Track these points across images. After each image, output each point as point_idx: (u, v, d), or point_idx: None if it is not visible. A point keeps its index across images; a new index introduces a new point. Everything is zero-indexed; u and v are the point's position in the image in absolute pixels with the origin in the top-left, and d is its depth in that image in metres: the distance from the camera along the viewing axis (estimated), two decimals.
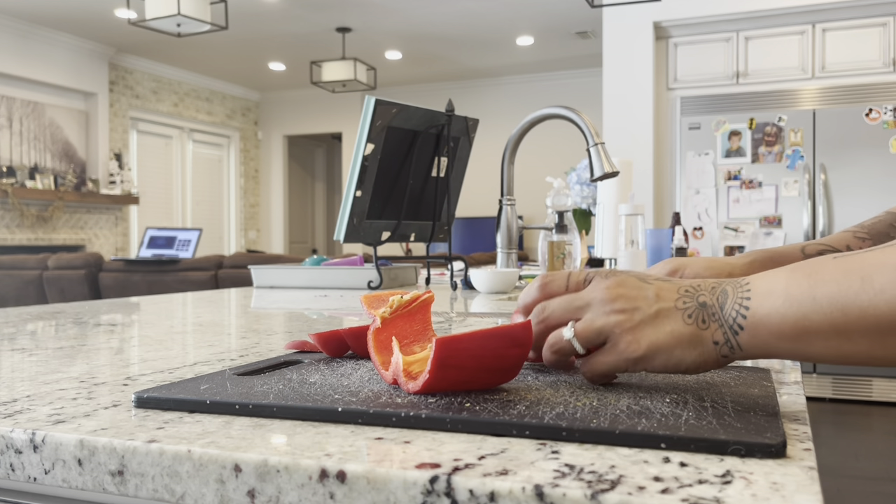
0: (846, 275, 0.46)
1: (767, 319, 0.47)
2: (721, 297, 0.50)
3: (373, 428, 0.45)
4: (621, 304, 0.50)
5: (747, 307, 0.48)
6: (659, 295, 0.51)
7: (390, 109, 1.54)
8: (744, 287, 0.49)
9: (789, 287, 0.47)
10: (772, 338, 0.47)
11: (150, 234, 5.41)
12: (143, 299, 1.44)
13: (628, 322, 0.50)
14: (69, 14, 6.33)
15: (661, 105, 5.01)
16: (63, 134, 7.10)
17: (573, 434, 0.41)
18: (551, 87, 8.54)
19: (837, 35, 4.63)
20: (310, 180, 10.84)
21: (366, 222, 1.60)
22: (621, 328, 0.50)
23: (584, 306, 0.52)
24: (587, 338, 0.51)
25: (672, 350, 0.49)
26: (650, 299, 0.50)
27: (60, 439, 0.43)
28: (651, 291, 0.51)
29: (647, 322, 0.50)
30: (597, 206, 2.40)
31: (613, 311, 0.50)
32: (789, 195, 4.55)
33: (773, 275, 0.49)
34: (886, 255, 0.45)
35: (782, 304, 0.47)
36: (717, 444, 0.39)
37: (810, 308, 0.46)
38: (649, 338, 0.50)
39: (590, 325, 0.51)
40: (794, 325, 0.47)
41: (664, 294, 0.51)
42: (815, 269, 0.47)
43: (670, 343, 0.49)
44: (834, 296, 0.45)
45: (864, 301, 0.44)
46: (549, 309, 0.54)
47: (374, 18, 6.52)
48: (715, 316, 0.49)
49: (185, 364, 0.68)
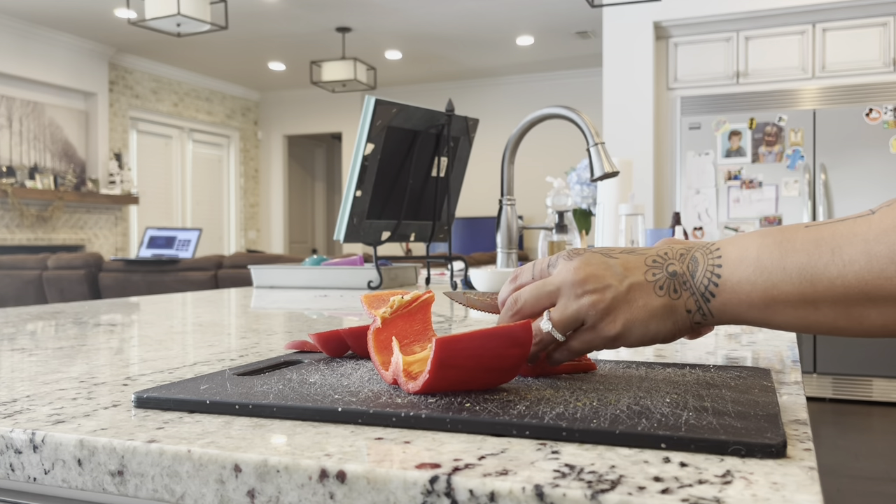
0: (817, 245, 0.46)
1: (738, 287, 0.48)
2: (691, 265, 0.50)
3: (373, 428, 0.45)
4: (592, 285, 0.50)
5: (718, 275, 0.48)
6: (627, 268, 0.51)
7: (390, 109, 1.54)
8: (714, 253, 0.49)
9: (760, 255, 0.48)
10: (742, 306, 0.48)
11: (150, 234, 5.41)
12: (143, 299, 1.44)
13: (601, 302, 0.50)
14: (69, 14, 6.33)
15: (661, 105, 5.01)
16: (63, 134, 7.10)
17: (573, 434, 0.41)
18: (551, 87, 8.54)
19: (837, 35, 4.63)
20: (310, 180, 10.84)
21: (366, 222, 1.60)
22: (595, 309, 0.50)
23: (555, 291, 0.52)
24: (564, 324, 0.51)
25: (647, 324, 0.50)
26: (619, 274, 0.50)
27: (60, 439, 0.43)
28: (618, 266, 0.51)
29: (620, 299, 0.50)
30: (597, 206, 2.40)
31: (585, 293, 0.50)
32: (789, 195, 4.55)
33: (743, 241, 0.49)
34: (857, 226, 0.45)
35: (752, 273, 0.47)
36: (718, 445, 0.39)
37: (780, 277, 0.46)
38: (624, 315, 0.50)
39: (564, 311, 0.51)
40: (763, 294, 0.47)
41: (632, 267, 0.51)
42: (787, 236, 0.48)
43: (645, 317, 0.50)
44: (804, 266, 0.46)
45: (833, 272, 0.45)
46: (521, 299, 0.54)
47: (374, 18, 6.52)
48: (686, 284, 0.49)
49: (184, 364, 0.68)
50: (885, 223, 0.44)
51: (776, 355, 0.71)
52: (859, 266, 0.44)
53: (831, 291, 0.45)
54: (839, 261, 0.45)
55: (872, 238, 0.44)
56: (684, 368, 0.60)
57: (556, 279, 0.52)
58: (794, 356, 0.70)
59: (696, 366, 0.61)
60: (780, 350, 0.74)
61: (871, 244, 0.44)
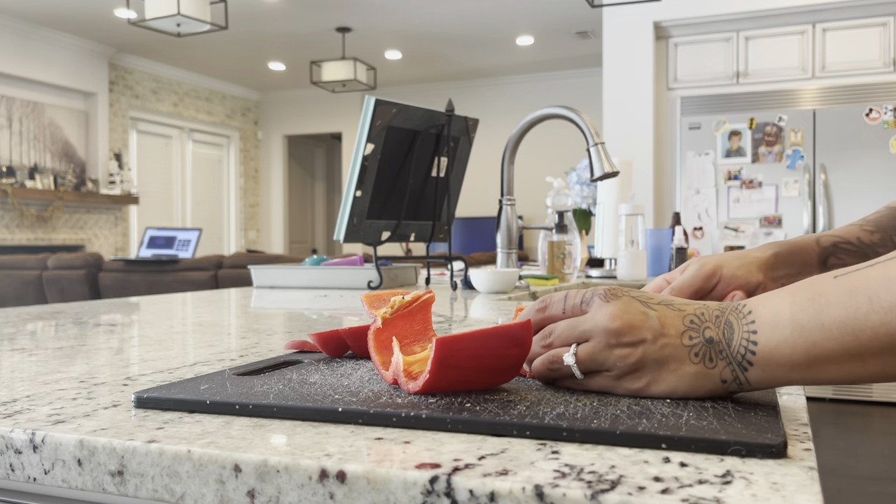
0: (852, 295, 0.44)
1: (777, 352, 0.46)
2: (727, 331, 0.48)
3: (373, 428, 0.45)
4: (627, 338, 0.49)
5: (755, 342, 0.46)
6: (664, 325, 0.49)
7: (390, 109, 1.54)
8: (747, 317, 0.48)
9: (795, 314, 0.46)
10: (782, 370, 0.46)
11: (150, 234, 5.41)
12: (143, 299, 1.44)
13: (632, 357, 0.48)
14: (69, 14, 6.33)
15: (661, 105, 5.01)
16: (63, 134, 7.10)
17: (574, 434, 0.41)
18: (551, 87, 8.54)
19: (837, 35, 4.63)
20: (310, 180, 10.84)
21: (366, 222, 1.60)
22: (625, 362, 0.49)
23: (587, 332, 0.50)
24: (588, 366, 0.50)
25: (675, 388, 0.48)
26: (655, 330, 0.49)
27: (60, 439, 0.43)
28: (655, 321, 0.49)
29: (652, 358, 0.48)
30: (597, 206, 2.40)
31: (619, 345, 0.49)
32: (789, 195, 4.55)
33: (774, 300, 0.48)
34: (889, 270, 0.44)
35: (791, 335, 0.45)
36: (718, 445, 0.39)
37: (820, 336, 0.45)
38: (652, 374, 0.48)
39: (592, 355, 0.50)
40: (805, 355, 0.45)
41: (669, 325, 0.49)
42: (819, 290, 0.46)
43: (674, 382, 0.48)
44: (843, 319, 0.44)
45: (875, 322, 0.43)
46: (554, 333, 0.52)
47: (374, 18, 6.52)
48: (723, 353, 0.47)
49: (184, 364, 0.68)
50: None
51: None
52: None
53: (876, 341, 0.43)
54: (879, 308, 0.43)
55: None
56: None
57: (590, 323, 0.50)
58: None
59: None
60: None
61: None
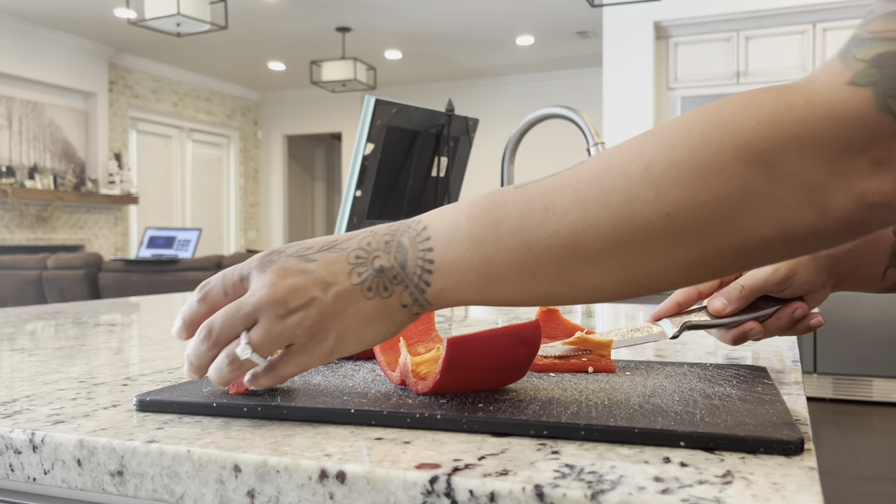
0: (529, 204, 0.42)
1: (454, 269, 0.44)
2: (399, 254, 0.45)
3: (373, 428, 0.45)
4: (294, 302, 0.45)
5: (431, 260, 0.44)
6: (330, 273, 0.45)
7: (390, 109, 1.54)
8: (421, 234, 0.45)
9: (472, 227, 0.43)
10: (461, 288, 0.44)
11: (150, 234, 5.41)
12: (143, 299, 1.44)
13: (308, 319, 0.45)
14: (69, 14, 6.33)
15: (662, 105, 5.01)
16: (62, 134, 7.09)
17: (592, 433, 0.41)
18: (551, 87, 8.54)
19: (838, 35, 4.63)
20: (310, 180, 10.84)
21: (366, 222, 1.60)
22: (302, 328, 0.45)
23: (252, 313, 0.45)
24: (269, 349, 0.46)
25: (362, 332, 0.46)
26: (322, 282, 0.45)
27: (60, 439, 0.43)
28: (319, 272, 0.45)
29: (328, 311, 0.45)
30: None
31: (289, 312, 0.45)
32: None
33: (451, 212, 0.45)
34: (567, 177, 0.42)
35: (468, 249, 0.43)
36: (737, 442, 0.39)
37: (495, 248, 0.42)
38: (335, 328, 0.45)
39: (268, 335, 0.45)
40: (480, 271, 0.43)
41: (335, 270, 0.46)
42: (498, 201, 0.44)
43: (358, 325, 0.45)
44: (517, 230, 0.42)
45: (549, 231, 0.41)
46: (215, 329, 0.46)
47: (374, 18, 6.52)
48: (398, 278, 0.45)
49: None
50: (596, 169, 0.41)
51: (776, 355, 0.71)
52: (573, 217, 0.41)
53: (548, 253, 0.41)
54: (553, 217, 0.41)
55: (583, 186, 0.41)
56: (682, 367, 0.60)
57: (252, 299, 0.45)
58: (795, 356, 0.70)
59: (694, 365, 0.61)
60: (780, 350, 0.74)
61: (581, 192, 0.41)
